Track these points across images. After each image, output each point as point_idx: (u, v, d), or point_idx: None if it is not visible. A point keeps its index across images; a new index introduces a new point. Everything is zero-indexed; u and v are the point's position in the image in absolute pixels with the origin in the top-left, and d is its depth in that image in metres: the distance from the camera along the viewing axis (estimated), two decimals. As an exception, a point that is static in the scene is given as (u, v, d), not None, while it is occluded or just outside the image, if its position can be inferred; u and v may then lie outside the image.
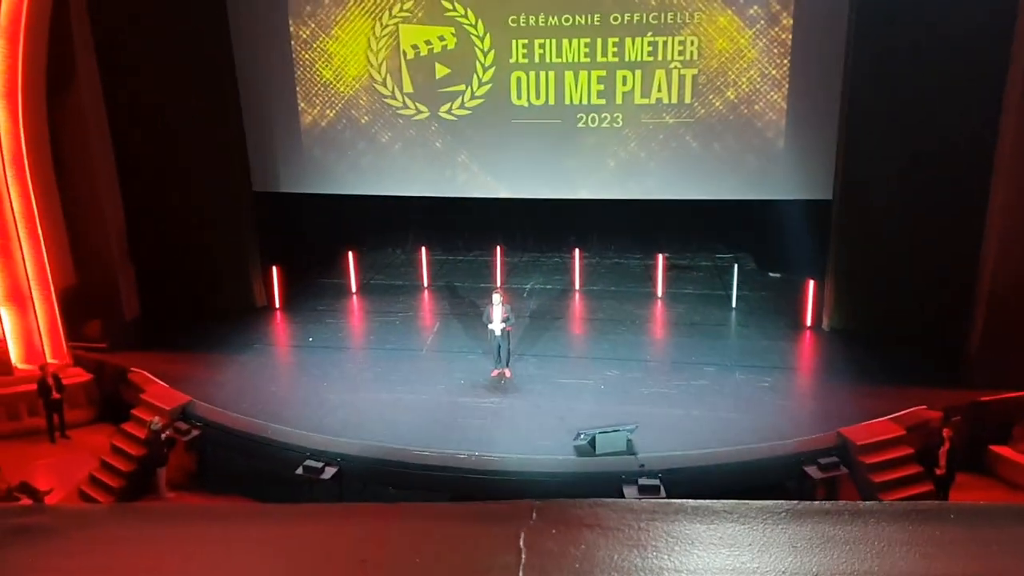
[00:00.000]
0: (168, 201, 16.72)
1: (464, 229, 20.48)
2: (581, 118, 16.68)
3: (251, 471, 13.57)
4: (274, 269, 17.96)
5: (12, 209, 15.31)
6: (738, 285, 17.46)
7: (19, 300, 15.71)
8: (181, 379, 14.96)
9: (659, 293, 18.12)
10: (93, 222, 16.15)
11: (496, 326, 14.31)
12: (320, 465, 12.53)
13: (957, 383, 13.94)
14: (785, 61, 15.86)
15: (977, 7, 13.37)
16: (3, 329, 15.67)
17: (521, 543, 1.96)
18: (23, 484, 12.88)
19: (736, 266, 17.65)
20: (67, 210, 16.06)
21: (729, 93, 16.21)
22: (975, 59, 13.53)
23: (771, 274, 18.68)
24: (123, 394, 15.41)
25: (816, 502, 2.12)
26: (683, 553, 1.95)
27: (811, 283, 16.33)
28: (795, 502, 2.09)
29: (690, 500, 2.13)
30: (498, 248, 19.20)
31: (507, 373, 14.66)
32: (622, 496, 11.37)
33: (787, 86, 15.97)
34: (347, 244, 19.17)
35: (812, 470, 12.18)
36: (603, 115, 16.62)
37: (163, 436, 13.36)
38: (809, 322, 16.41)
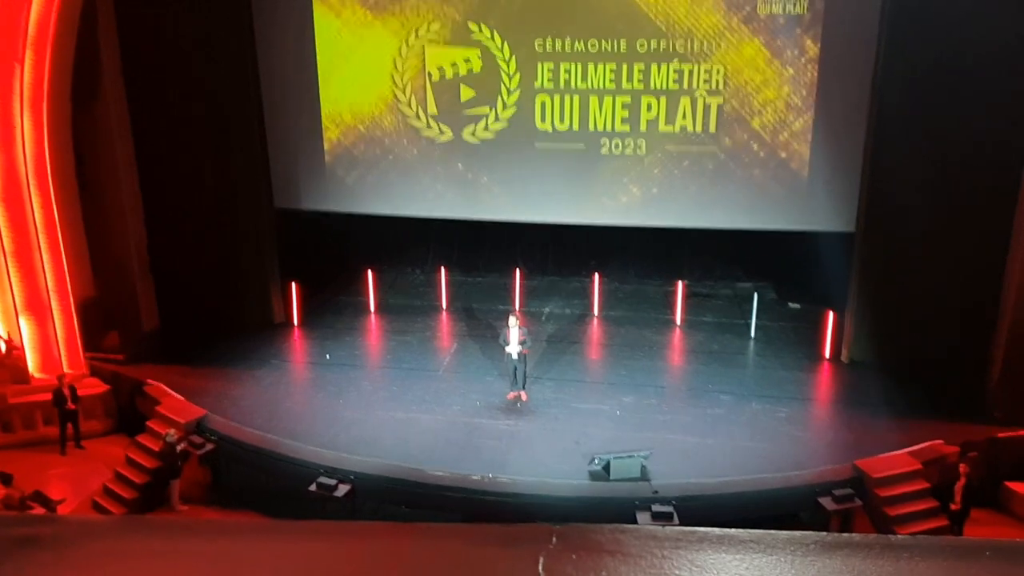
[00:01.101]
0: (189, 215, 16.84)
1: (484, 251, 20.49)
2: (604, 144, 16.68)
3: (264, 486, 13.55)
4: (293, 286, 18.02)
5: (34, 219, 15.46)
6: (757, 315, 17.37)
7: (38, 309, 15.82)
8: (197, 392, 14.99)
9: (678, 321, 18.03)
10: (114, 234, 16.30)
11: (513, 348, 14.27)
12: (333, 482, 12.48)
13: (976, 418, 13.76)
14: (811, 91, 15.81)
15: (1011, 40, 13.24)
16: (21, 338, 15.78)
17: (540, 568, 1.89)
18: (36, 493, 12.90)
19: (756, 296, 17.56)
20: (88, 221, 16.22)
21: (754, 123, 16.17)
22: (1006, 94, 13.42)
23: (791, 305, 18.56)
24: (139, 406, 15.46)
25: (846, 534, 2.04)
26: (708, 584, 1.87)
27: (831, 314, 16.21)
28: (824, 533, 2.02)
29: (715, 528, 2.06)
30: (517, 271, 19.19)
31: (523, 396, 14.59)
32: (635, 522, 11.26)
33: (812, 116, 15.91)
34: (366, 263, 19.22)
35: (826, 501, 12.03)
36: (627, 141, 16.62)
37: (178, 449, 13.36)
38: (828, 354, 16.26)
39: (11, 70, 14.71)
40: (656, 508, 11.63)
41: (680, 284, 18.22)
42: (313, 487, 12.49)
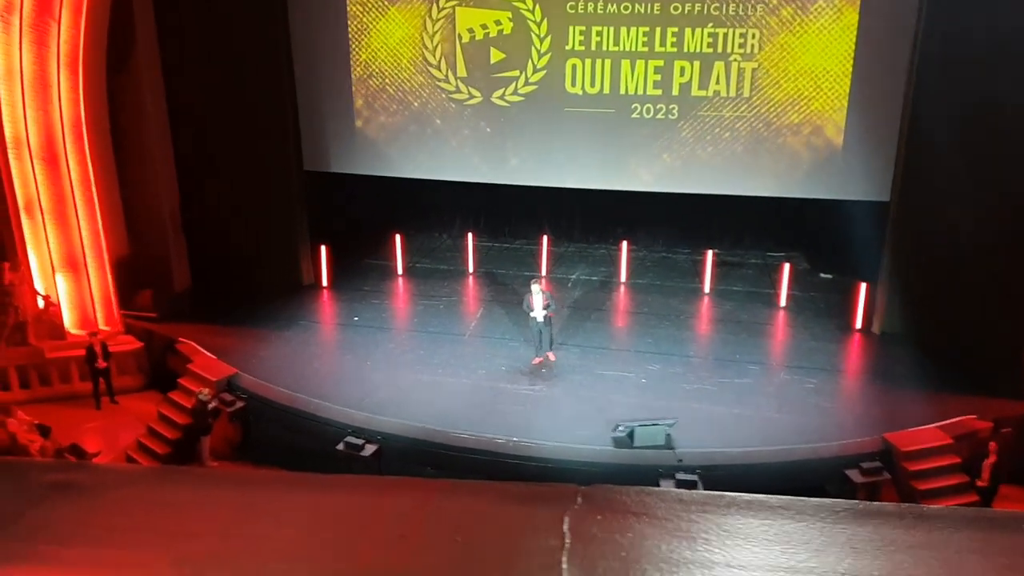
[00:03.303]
0: (221, 177, 16.93)
1: (511, 216, 20.41)
2: (636, 108, 16.48)
3: (293, 445, 13.72)
4: (322, 248, 18.10)
5: (70, 176, 15.62)
6: (788, 284, 17.19)
7: (74, 267, 16.05)
8: (228, 351, 15.18)
9: (706, 289, 17.90)
10: (148, 194, 16.46)
11: (537, 313, 14.29)
12: (361, 442, 12.63)
13: (1010, 393, 13.55)
14: (848, 57, 15.47)
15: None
16: (58, 294, 16.04)
17: (565, 527, 1.89)
18: (73, 446, 13.20)
19: (787, 265, 17.37)
20: (123, 181, 16.38)
21: (789, 88, 15.88)
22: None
23: (822, 275, 18.36)
24: (171, 363, 15.70)
25: (877, 503, 2.02)
26: (735, 547, 1.86)
27: (863, 285, 16.01)
28: (855, 502, 1.99)
29: (743, 494, 2.04)
30: (544, 237, 19.12)
31: (551, 356, 14.64)
32: (660, 490, 11.31)
33: (849, 83, 15.59)
34: (395, 226, 19.25)
35: (854, 474, 11.97)
36: (658, 106, 16.40)
37: (209, 407, 13.56)
38: (859, 325, 16.09)
39: (47, 28, 14.78)
40: (680, 476, 11.64)
41: (709, 252, 18.06)
42: (341, 446, 12.65)
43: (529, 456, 12.22)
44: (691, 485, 11.45)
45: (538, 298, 14.32)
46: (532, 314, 14.36)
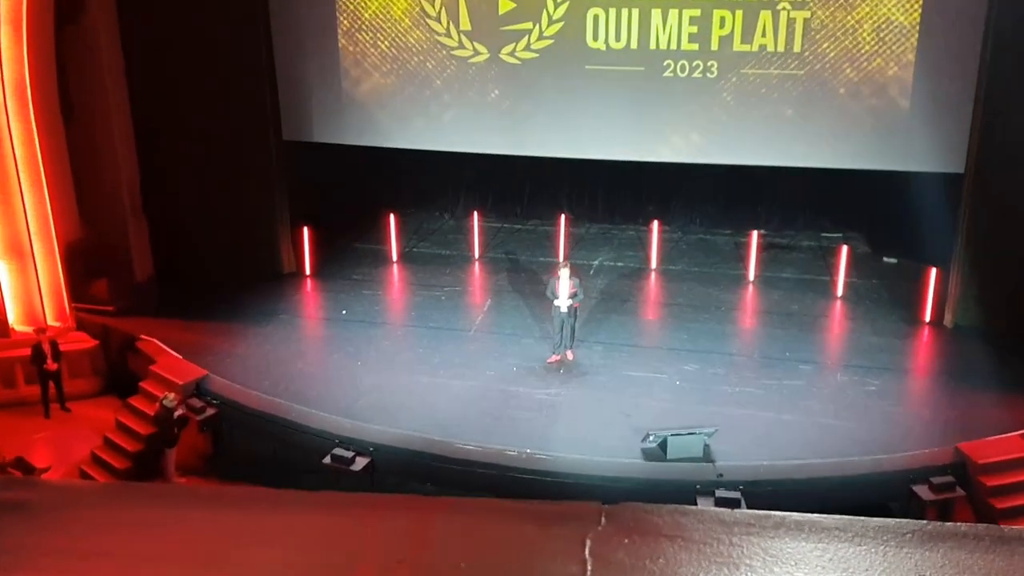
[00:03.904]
0: (187, 148, 16.97)
1: (524, 193, 20.39)
2: (668, 66, 16.41)
3: (271, 458, 13.81)
4: (305, 230, 18.15)
5: (14, 152, 15.66)
6: (846, 270, 17.16)
7: (19, 254, 16.11)
8: (197, 350, 15.25)
9: (751, 276, 17.87)
10: (103, 169, 16.49)
11: (563, 302, 14.31)
12: (350, 454, 12.68)
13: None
14: (916, 6, 15.36)
15: None
16: (0, 286, 16.11)
17: (587, 552, 1.89)
18: (19, 460, 13.27)
19: (844, 248, 17.32)
20: (74, 155, 16.40)
21: (846, 42, 15.78)
22: None
23: (886, 259, 18.32)
24: (131, 364, 15.79)
25: (950, 523, 2.02)
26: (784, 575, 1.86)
27: (933, 271, 15.96)
28: (923, 522, 1.99)
29: (793, 513, 2.05)
30: (562, 217, 19.10)
31: (569, 355, 14.69)
32: (696, 510, 11.32)
33: (917, 36, 15.48)
34: (388, 205, 19.26)
35: (922, 490, 11.95)
36: (695, 63, 16.33)
37: (175, 414, 13.63)
38: (928, 317, 16.05)
39: (-16, -22, 14.83)
40: (721, 494, 11.64)
41: (754, 234, 18.02)
42: (327, 460, 12.70)
43: (545, 470, 12.25)
44: (733, 504, 11.44)
45: (565, 284, 14.34)
46: (556, 302, 14.40)
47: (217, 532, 2.01)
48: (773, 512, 2.05)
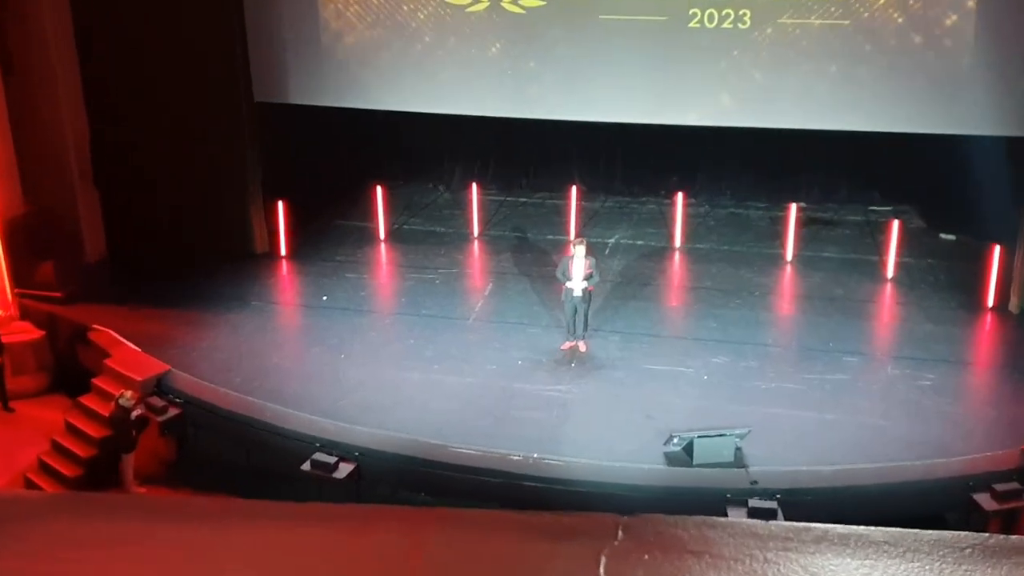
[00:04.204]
0: (145, 111, 16.94)
1: (530, 162, 20.36)
2: (695, 15, 16.34)
3: (243, 464, 13.86)
4: (280, 205, 18.15)
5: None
6: (897, 248, 17.14)
7: (-46, 232, 16.14)
8: (157, 342, 15.27)
9: (789, 256, 17.86)
10: (47, 131, 16.46)
11: (576, 284, 14.32)
12: (333, 460, 12.71)
13: None
14: (978, -56, 15.30)
15: None
16: (-66, 269, 16.16)
17: (601, 570, 1.91)
18: (-44, 467, 13.34)
19: (895, 223, 17.29)
20: (15, 116, 16.37)
21: (897, -13, 15.73)
22: None
23: (942, 235, 18.31)
24: (82, 358, 15.80)
25: (1015, 537, 2.02)
26: (826, 596, 1.88)
27: (996, 249, 15.94)
28: (985, 535, 2.00)
29: (836, 526, 2.05)
30: (574, 189, 19.09)
31: (582, 346, 14.72)
32: (727, 522, 11.35)
33: (979, -21, 15.42)
34: (375, 177, 19.25)
35: (984, 499, 11.95)
36: (724, 11, 16.26)
37: (133, 415, 13.67)
38: (991, 302, 16.04)
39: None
40: (755, 504, 11.66)
41: (793, 207, 18.00)
42: (307, 466, 12.73)
43: (554, 478, 12.27)
44: (769, 515, 11.47)
45: (579, 264, 14.33)
46: (568, 284, 14.40)
47: (183, 551, 2.02)
48: (814, 524, 2.06)
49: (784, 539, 2.01)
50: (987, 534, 2.01)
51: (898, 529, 2.06)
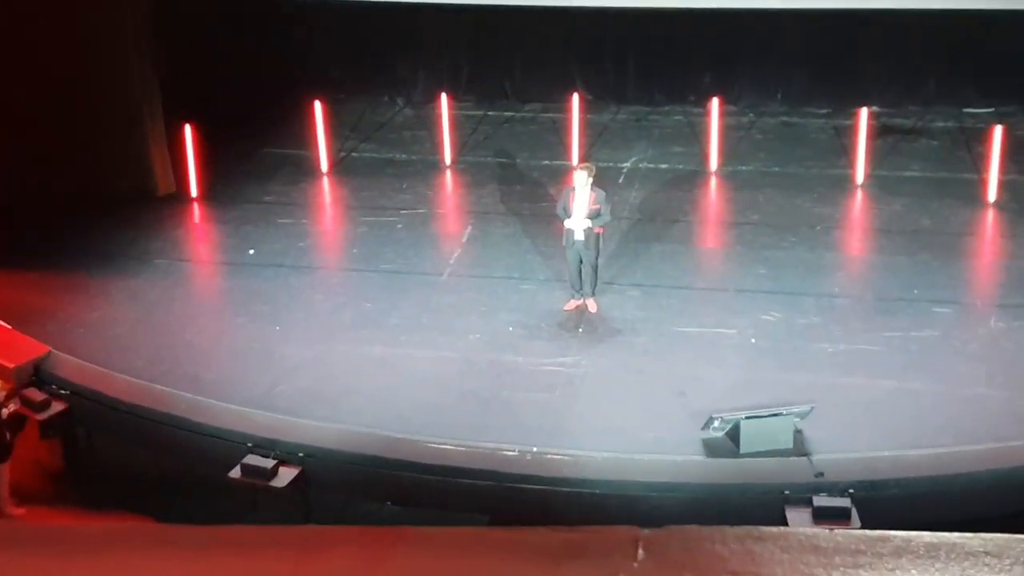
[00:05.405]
0: (4, 11, 16.80)
1: (515, 63, 20.25)
2: None
3: (153, 474, 13.83)
4: (187, 130, 18.05)
5: None
6: (1001, 164, 17.15)
7: None
8: (33, 316, 15.23)
9: (859, 178, 17.86)
10: None
11: (577, 223, 14.27)
12: (269, 464, 12.70)
13: None
14: None
15: None
16: None
17: (620, 600, 1.93)
18: None
19: (997, 130, 17.27)
20: None
21: None
22: None
23: (1060, 144, 18.32)
24: (-63, 341, 15.80)
25: None
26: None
27: None
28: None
29: (923, 533, 2.07)
30: (575, 96, 19.00)
31: (591, 305, 14.71)
32: (785, 524, 11.38)
33: None
34: (311, 89, 19.12)
35: (1122, 490, 12.04)
36: None
37: (4, 413, 13.66)
38: None
39: None
40: (821, 502, 11.69)
41: (863, 113, 17.97)
42: (235, 473, 12.73)
43: (559, 477, 12.28)
44: (840, 516, 11.53)
45: (582, 198, 14.25)
46: (569, 224, 14.35)
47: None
48: (892, 532, 2.08)
49: (854, 553, 2.03)
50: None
51: (1004, 536, 2.08)
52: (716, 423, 12.44)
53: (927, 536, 2.09)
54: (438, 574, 2.06)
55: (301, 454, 12.84)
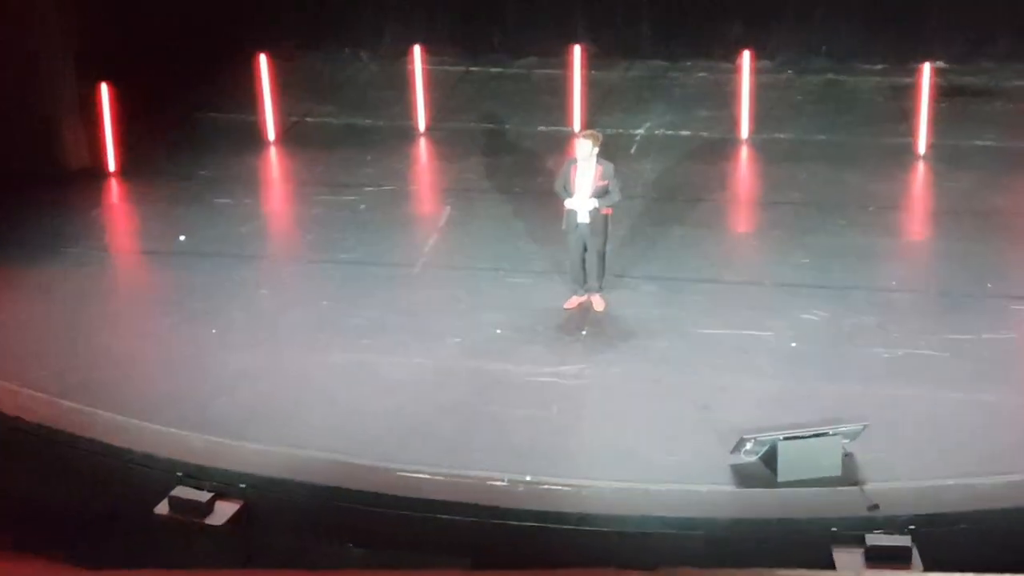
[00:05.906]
0: None
1: (505, 7, 20.26)
2: None
3: (63, 508, 13.83)
4: (103, 91, 18.04)
5: None
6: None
7: None
8: (-83, 318, 15.28)
9: (920, 147, 17.93)
10: None
11: (580, 203, 14.30)
12: (204, 498, 12.72)
13: None
14: None
15: None
16: None
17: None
18: None
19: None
20: None
21: None
22: None
23: None
24: None
25: None
26: None
27: None
28: None
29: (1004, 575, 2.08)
30: (576, 49, 19.04)
31: (597, 303, 14.79)
32: (832, 566, 11.43)
33: None
34: (256, 41, 19.14)
35: None
36: None
37: None
38: None
39: None
40: (875, 541, 11.74)
41: (925, 69, 18.02)
42: (163, 508, 12.74)
43: (557, 512, 12.29)
44: (900, 556, 11.58)
45: (588, 172, 14.28)
46: (570, 204, 14.37)
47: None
48: (966, 575, 2.09)
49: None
50: None
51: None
52: (748, 445, 12.48)
53: (1005, 580, 2.10)
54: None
55: (243, 485, 12.85)
